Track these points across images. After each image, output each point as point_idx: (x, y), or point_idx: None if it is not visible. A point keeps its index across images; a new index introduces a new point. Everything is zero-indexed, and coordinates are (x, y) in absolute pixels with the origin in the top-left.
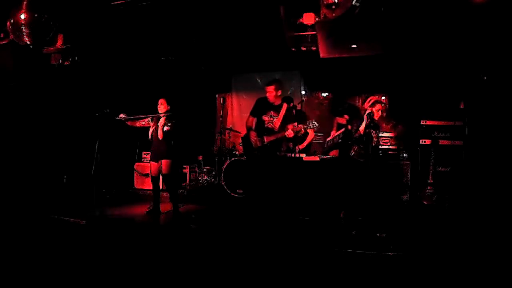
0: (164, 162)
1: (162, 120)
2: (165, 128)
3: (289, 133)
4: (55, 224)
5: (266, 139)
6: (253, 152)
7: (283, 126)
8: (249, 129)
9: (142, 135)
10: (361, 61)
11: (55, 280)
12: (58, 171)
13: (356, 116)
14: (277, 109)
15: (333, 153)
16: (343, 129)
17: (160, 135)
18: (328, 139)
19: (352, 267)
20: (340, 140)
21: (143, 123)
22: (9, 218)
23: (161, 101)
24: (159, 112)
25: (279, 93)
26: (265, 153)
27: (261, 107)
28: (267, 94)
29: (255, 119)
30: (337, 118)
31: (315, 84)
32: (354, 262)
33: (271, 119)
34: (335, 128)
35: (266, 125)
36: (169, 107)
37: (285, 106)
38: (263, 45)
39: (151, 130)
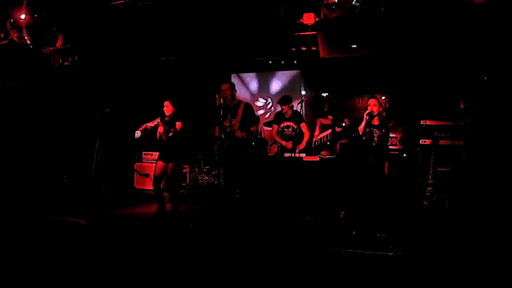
0: (170, 165)
1: (160, 129)
2: (170, 134)
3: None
4: (55, 224)
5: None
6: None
7: (243, 127)
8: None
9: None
10: (361, 61)
11: (55, 280)
12: (58, 171)
13: (341, 115)
14: (234, 111)
15: (324, 153)
16: (329, 131)
17: (165, 140)
18: (314, 139)
19: (352, 267)
20: (328, 143)
21: (155, 124)
22: (9, 218)
23: (166, 103)
24: (166, 114)
25: (234, 92)
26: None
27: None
28: (223, 93)
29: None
30: (321, 120)
31: (315, 84)
32: (354, 262)
33: (231, 122)
34: (318, 128)
35: (228, 130)
36: (174, 109)
37: (242, 106)
38: (263, 45)
39: (159, 130)
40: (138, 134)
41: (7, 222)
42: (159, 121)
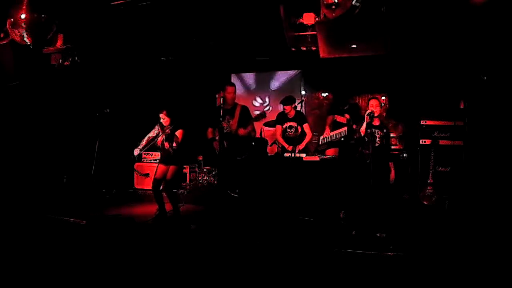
0: (171, 168)
1: (166, 145)
2: (174, 146)
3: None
4: (55, 224)
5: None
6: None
7: (240, 127)
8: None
9: (142, 135)
10: (361, 61)
11: (55, 280)
12: (58, 171)
13: (358, 116)
14: (232, 112)
15: (330, 152)
16: (345, 128)
17: (171, 152)
18: (323, 136)
19: (352, 267)
20: (342, 139)
21: (156, 133)
22: (9, 218)
23: (161, 115)
24: (164, 125)
25: (235, 95)
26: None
27: (219, 115)
28: (226, 94)
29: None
30: (336, 116)
31: (315, 84)
32: (354, 262)
33: (229, 123)
34: (328, 126)
35: (225, 131)
36: (170, 119)
37: (239, 107)
38: (263, 45)
39: (160, 138)
40: (136, 152)
41: (7, 222)
42: (158, 128)
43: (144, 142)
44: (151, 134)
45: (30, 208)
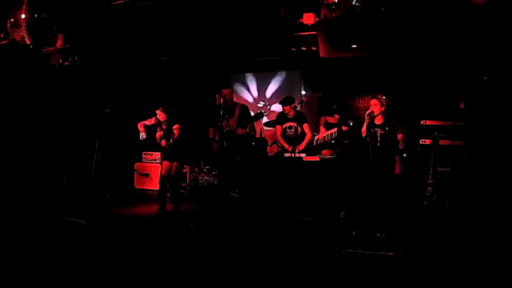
0: (175, 164)
1: (163, 143)
2: (170, 142)
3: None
4: (55, 224)
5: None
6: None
7: (242, 125)
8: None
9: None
10: (361, 61)
11: (55, 280)
12: (58, 171)
13: (348, 115)
14: (232, 111)
15: (325, 153)
16: (335, 129)
17: (168, 149)
18: (317, 137)
19: (352, 267)
20: (333, 141)
21: (151, 123)
22: (9, 218)
23: (157, 111)
24: (161, 121)
25: (233, 94)
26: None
27: (218, 115)
28: (224, 96)
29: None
30: (327, 117)
31: (315, 84)
32: (354, 262)
33: (228, 122)
34: (322, 126)
35: (224, 130)
36: (166, 115)
37: (238, 107)
38: (263, 45)
39: (158, 134)
40: (144, 136)
41: (8, 222)
42: (155, 119)
43: (140, 129)
44: (146, 122)
45: (31, 208)
